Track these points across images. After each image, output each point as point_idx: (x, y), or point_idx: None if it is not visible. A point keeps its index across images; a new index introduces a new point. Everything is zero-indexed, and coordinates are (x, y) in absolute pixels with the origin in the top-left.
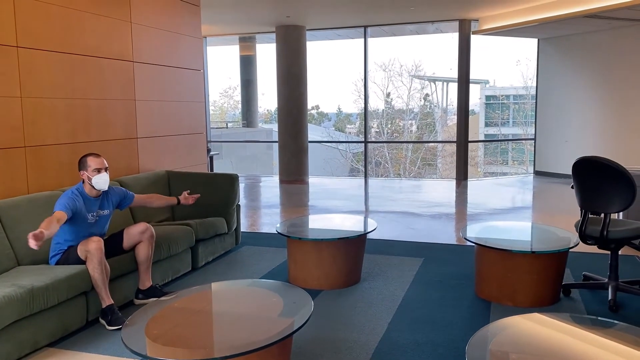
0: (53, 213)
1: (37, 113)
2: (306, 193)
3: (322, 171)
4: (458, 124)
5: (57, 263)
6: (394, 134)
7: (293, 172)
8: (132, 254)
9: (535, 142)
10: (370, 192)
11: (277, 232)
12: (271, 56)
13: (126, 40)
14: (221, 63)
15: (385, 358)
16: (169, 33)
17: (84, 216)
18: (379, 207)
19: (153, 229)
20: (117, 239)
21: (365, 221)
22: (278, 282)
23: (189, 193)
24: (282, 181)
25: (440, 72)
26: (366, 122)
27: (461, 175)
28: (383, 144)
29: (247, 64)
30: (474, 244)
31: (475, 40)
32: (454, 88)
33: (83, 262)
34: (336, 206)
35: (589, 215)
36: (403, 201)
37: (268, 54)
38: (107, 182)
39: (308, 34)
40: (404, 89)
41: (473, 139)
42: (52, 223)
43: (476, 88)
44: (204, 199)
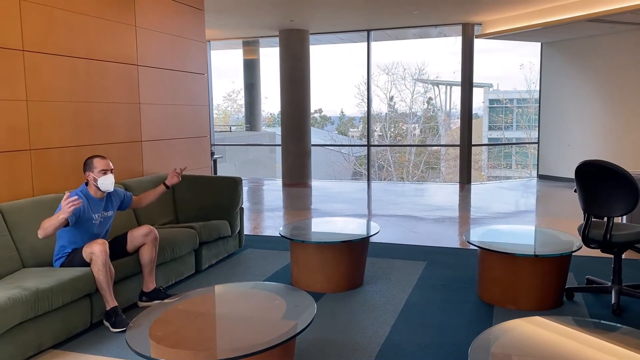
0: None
1: (42, 116)
2: (309, 196)
3: (325, 175)
4: (462, 128)
5: (62, 265)
6: (397, 138)
7: (296, 176)
8: (136, 257)
9: (538, 146)
10: (373, 196)
11: (280, 235)
12: (274, 60)
13: (131, 44)
14: (225, 67)
15: None
16: (174, 37)
17: (89, 217)
18: (382, 211)
19: (157, 232)
20: (121, 242)
21: (368, 224)
22: (281, 285)
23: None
24: (285, 184)
25: (443, 76)
26: (369, 126)
27: (464, 178)
28: (386, 148)
29: (251, 68)
30: (477, 248)
31: (478, 44)
32: (458, 91)
33: (87, 265)
34: (339, 209)
35: (592, 219)
36: (406, 205)
37: (271, 58)
38: (113, 184)
39: (311, 38)
40: (407, 93)
41: (476, 143)
42: (42, 223)
43: (480, 92)
44: (208, 202)
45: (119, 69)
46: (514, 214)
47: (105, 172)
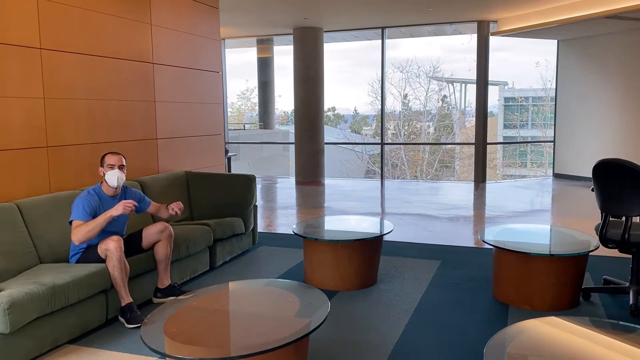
0: (71, 222)
1: (59, 114)
2: (322, 194)
3: (338, 173)
4: (477, 126)
5: (78, 261)
6: (411, 136)
7: (309, 174)
8: (151, 253)
9: (554, 144)
10: (386, 194)
11: (294, 233)
12: (288, 58)
13: (146, 42)
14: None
15: None
16: (188, 35)
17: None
18: (396, 209)
19: (172, 229)
20: (136, 238)
21: (381, 223)
22: (294, 282)
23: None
24: (298, 182)
25: (458, 74)
26: (383, 124)
27: (479, 177)
28: (400, 146)
29: (265, 66)
30: (492, 247)
31: (493, 41)
32: (473, 89)
33: (103, 261)
34: (352, 208)
35: (610, 218)
36: (420, 203)
37: (285, 56)
38: (117, 179)
39: (325, 36)
40: (422, 91)
41: (491, 141)
42: (84, 225)
43: (495, 90)
44: (222, 200)
45: (135, 67)
46: (530, 213)
47: (112, 167)
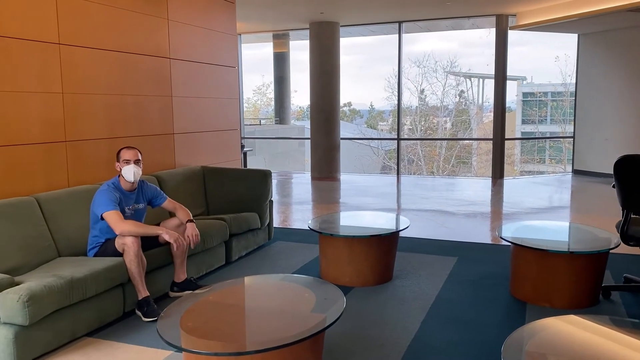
0: (100, 215)
1: (77, 108)
2: (337, 190)
3: (354, 168)
4: (494, 121)
5: (95, 255)
6: (428, 131)
7: (325, 169)
8: (168, 248)
9: (574, 140)
10: (402, 190)
11: (309, 228)
12: (304, 53)
13: (163, 37)
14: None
15: (417, 357)
16: (205, 30)
17: (122, 209)
18: (412, 205)
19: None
20: None
21: (397, 219)
22: (310, 278)
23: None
24: (314, 178)
25: (476, 68)
26: (399, 119)
27: (497, 173)
28: (416, 142)
29: (281, 61)
30: (510, 244)
31: (512, 35)
32: (490, 84)
33: (120, 255)
34: (368, 203)
35: (632, 215)
36: (436, 199)
37: (301, 51)
38: (133, 174)
39: (341, 30)
40: (439, 86)
41: (509, 137)
42: (133, 222)
43: (513, 85)
44: (238, 194)
45: (152, 62)
46: (548, 210)
47: (128, 162)
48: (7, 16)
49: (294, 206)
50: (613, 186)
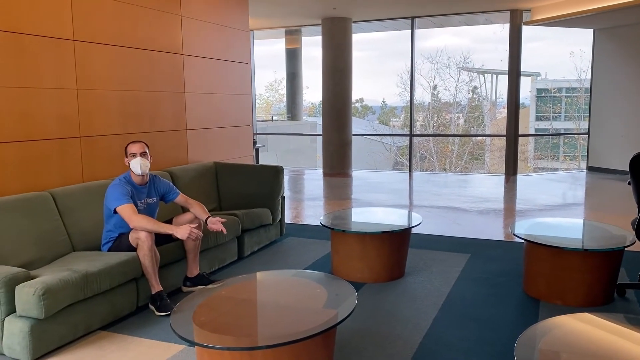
0: (113, 209)
1: (92, 105)
2: (349, 186)
3: (366, 165)
4: (508, 118)
5: (109, 250)
6: (440, 128)
7: (337, 165)
8: (181, 243)
9: (588, 137)
10: (414, 186)
11: (321, 224)
12: (316, 49)
13: (176, 33)
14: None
15: (429, 354)
16: (218, 26)
17: (134, 203)
18: (424, 202)
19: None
20: None
21: (409, 215)
22: (322, 274)
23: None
24: (326, 174)
25: (489, 64)
26: (412, 115)
27: (510, 170)
28: (428, 138)
29: (293, 57)
30: (523, 241)
31: (526, 30)
32: (504, 80)
33: (134, 249)
34: (380, 200)
35: None
36: (449, 196)
37: (313, 47)
38: (140, 166)
39: (354, 26)
40: (452, 82)
41: (523, 133)
42: (146, 218)
43: (527, 80)
44: (250, 190)
45: (165, 58)
46: (562, 207)
47: (134, 156)
48: (23, 13)
49: (306, 202)
50: (629, 183)
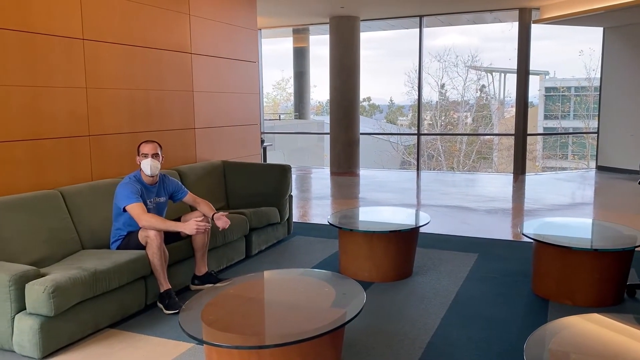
0: (123, 207)
1: (101, 103)
2: (357, 185)
3: (373, 164)
4: (517, 117)
5: (118, 248)
6: (448, 127)
7: (344, 164)
8: (189, 241)
9: (598, 136)
10: (422, 186)
11: (329, 223)
12: (324, 48)
13: (185, 32)
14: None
15: (438, 353)
16: (226, 25)
17: (144, 202)
18: (432, 201)
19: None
20: None
21: (417, 214)
22: (330, 273)
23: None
24: (333, 173)
25: (497, 63)
26: (420, 114)
27: (519, 169)
28: (436, 137)
29: (300, 56)
30: (532, 240)
31: (535, 29)
32: (512, 79)
33: (143, 248)
34: (387, 199)
35: None
36: (457, 195)
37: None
38: (150, 167)
39: (361, 25)
40: (460, 80)
41: (532, 132)
42: (155, 216)
43: (535, 79)
44: (258, 189)
45: (174, 57)
46: (571, 207)
47: (145, 156)
48: (34, 12)
49: (313, 201)
50: (639, 182)
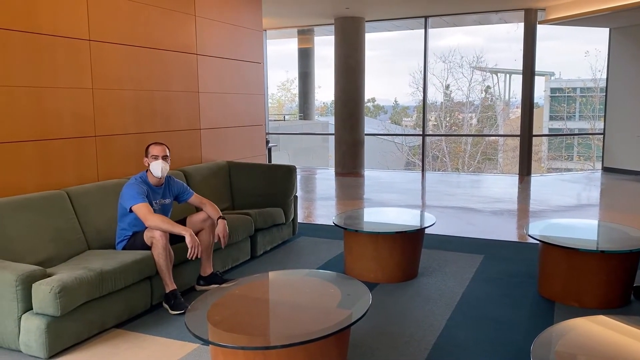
0: (129, 207)
1: (106, 104)
2: (362, 186)
3: (378, 164)
4: (522, 117)
5: (124, 248)
6: (453, 127)
7: (349, 165)
8: None
9: (603, 137)
10: (427, 186)
11: (334, 224)
12: (329, 48)
13: (190, 33)
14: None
15: (443, 354)
16: (231, 26)
17: (150, 203)
18: (437, 202)
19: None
20: None
21: (422, 215)
22: (335, 273)
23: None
24: (338, 174)
25: (502, 64)
26: (425, 115)
27: (524, 170)
28: (441, 138)
29: (305, 57)
30: (538, 242)
31: (541, 30)
32: (517, 80)
33: (148, 248)
34: (392, 200)
35: None
36: (462, 196)
37: (326, 47)
38: (161, 170)
39: (366, 25)
40: (465, 81)
41: (537, 133)
42: (161, 217)
43: (541, 80)
44: (263, 190)
45: (179, 58)
46: (577, 208)
47: (156, 158)
48: (40, 13)
49: (318, 202)
50: None
